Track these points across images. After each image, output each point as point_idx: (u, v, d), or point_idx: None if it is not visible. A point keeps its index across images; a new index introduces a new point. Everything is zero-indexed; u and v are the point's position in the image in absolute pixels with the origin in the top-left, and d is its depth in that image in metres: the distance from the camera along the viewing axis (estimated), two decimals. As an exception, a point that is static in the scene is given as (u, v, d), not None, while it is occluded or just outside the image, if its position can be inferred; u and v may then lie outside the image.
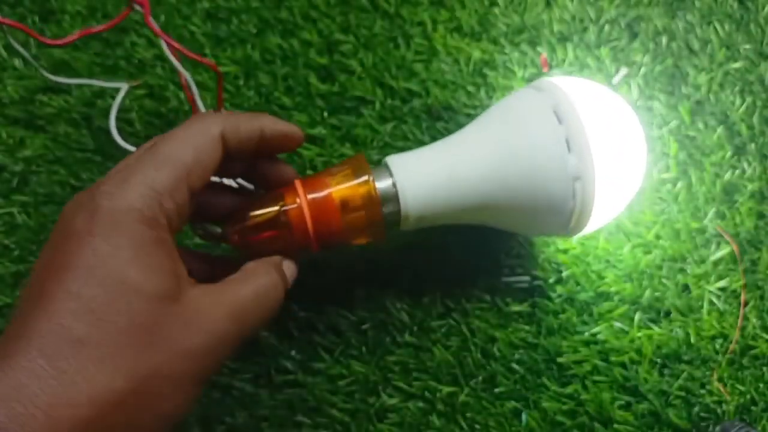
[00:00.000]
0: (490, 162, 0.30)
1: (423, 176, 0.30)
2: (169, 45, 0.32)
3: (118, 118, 0.41)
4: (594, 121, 0.30)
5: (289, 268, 0.29)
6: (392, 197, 0.30)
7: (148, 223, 0.23)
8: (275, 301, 0.27)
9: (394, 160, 0.31)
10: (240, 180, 0.32)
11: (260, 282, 0.26)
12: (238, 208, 0.29)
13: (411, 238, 0.38)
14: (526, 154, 0.30)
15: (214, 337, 0.23)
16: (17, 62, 0.43)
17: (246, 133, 0.27)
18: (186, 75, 0.34)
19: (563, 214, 0.30)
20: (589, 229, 0.32)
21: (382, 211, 0.30)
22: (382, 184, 0.30)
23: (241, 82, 0.42)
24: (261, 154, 0.29)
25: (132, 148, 0.41)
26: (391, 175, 0.30)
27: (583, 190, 0.29)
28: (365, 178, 0.30)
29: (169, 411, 0.23)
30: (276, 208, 0.29)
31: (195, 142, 0.25)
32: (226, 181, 0.31)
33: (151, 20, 0.32)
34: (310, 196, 0.29)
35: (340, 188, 0.29)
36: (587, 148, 0.29)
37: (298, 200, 0.29)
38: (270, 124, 0.28)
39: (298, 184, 0.29)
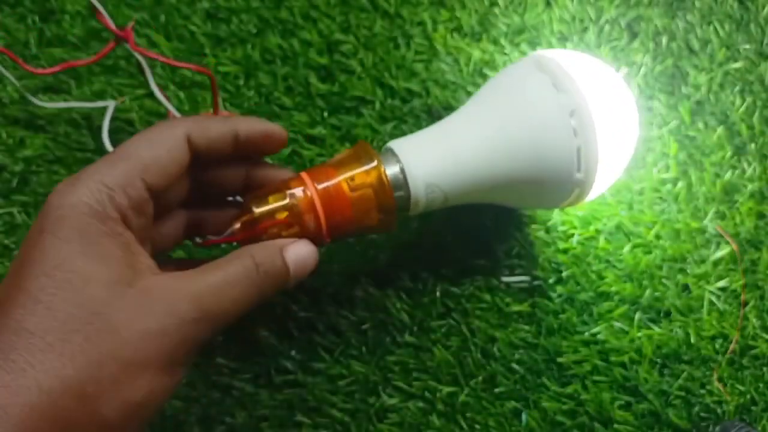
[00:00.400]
0: (490, 131, 0.31)
1: (430, 159, 0.30)
2: (149, 61, 0.32)
3: (118, 119, 0.41)
4: (576, 67, 0.31)
5: (299, 251, 0.27)
6: (402, 183, 0.30)
7: (97, 216, 0.23)
8: (251, 288, 0.25)
9: (398, 145, 0.30)
10: (240, 198, 0.31)
11: (233, 268, 0.25)
12: (242, 204, 0.28)
13: (411, 237, 0.38)
14: (520, 115, 0.30)
15: (172, 319, 0.23)
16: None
17: (217, 134, 0.27)
18: (173, 110, 0.35)
19: (570, 163, 0.30)
20: (602, 180, 0.32)
21: (394, 197, 0.29)
22: (391, 169, 0.29)
23: (241, 82, 0.42)
24: (243, 156, 0.28)
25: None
26: (398, 160, 0.30)
27: (582, 124, 0.30)
28: (374, 164, 0.29)
29: (134, 398, 0.22)
30: (285, 201, 0.28)
31: (153, 140, 0.25)
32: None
33: (137, 46, 0.32)
34: (319, 186, 0.28)
35: (349, 176, 0.28)
36: (572, 82, 0.30)
37: (306, 190, 0.28)
38: (245, 125, 0.27)
39: (304, 175, 0.28)
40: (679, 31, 0.43)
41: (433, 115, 0.41)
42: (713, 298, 0.37)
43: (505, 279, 0.38)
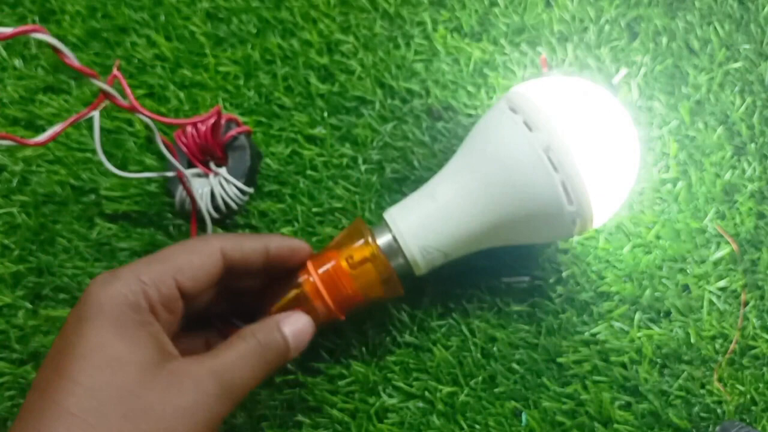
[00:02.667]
0: (472, 185, 0.31)
1: (419, 223, 0.32)
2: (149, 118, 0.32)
3: (117, 119, 0.41)
4: (552, 98, 0.31)
5: (295, 324, 0.30)
6: (396, 250, 0.31)
7: (131, 306, 0.25)
8: (259, 362, 0.27)
9: (389, 213, 0.32)
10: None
11: (242, 345, 0.27)
12: (260, 307, 0.31)
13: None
14: (498, 162, 0.31)
15: (199, 396, 0.25)
16: (17, 62, 0.43)
17: (250, 249, 0.29)
18: (181, 170, 0.36)
19: (557, 198, 0.30)
20: (604, 205, 0.32)
21: (392, 266, 0.31)
22: (383, 240, 0.31)
23: (241, 82, 0.42)
24: (272, 268, 0.31)
25: (120, 172, 0.40)
26: (389, 229, 0.32)
27: (560, 158, 0.29)
28: (366, 239, 0.31)
29: None
30: (296, 290, 0.31)
31: (189, 249, 0.28)
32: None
33: (144, 109, 0.33)
34: (320, 271, 0.31)
35: (345, 254, 0.31)
36: (546, 117, 0.30)
37: (309, 277, 0.31)
38: (276, 242, 0.30)
39: (309, 263, 0.31)
40: (679, 31, 0.43)
41: (433, 115, 0.41)
42: (713, 298, 0.37)
43: (505, 279, 0.38)
